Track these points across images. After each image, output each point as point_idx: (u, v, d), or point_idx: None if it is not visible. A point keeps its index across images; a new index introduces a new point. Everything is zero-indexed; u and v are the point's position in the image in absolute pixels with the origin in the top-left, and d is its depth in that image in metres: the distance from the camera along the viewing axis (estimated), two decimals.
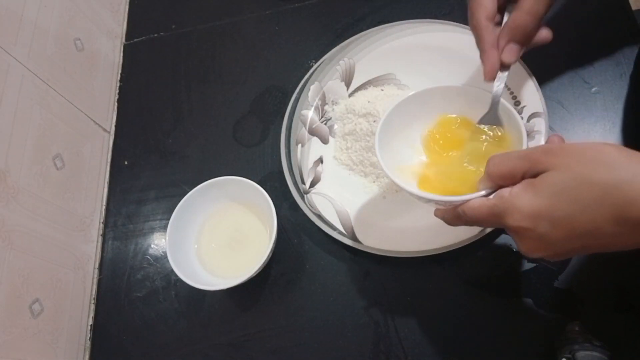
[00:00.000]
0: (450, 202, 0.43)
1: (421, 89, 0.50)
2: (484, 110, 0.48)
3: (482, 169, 0.40)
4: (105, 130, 0.76)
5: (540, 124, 0.55)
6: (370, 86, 0.66)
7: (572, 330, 0.47)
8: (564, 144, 0.36)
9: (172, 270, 0.56)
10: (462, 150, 0.49)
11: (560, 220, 0.34)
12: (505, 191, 0.37)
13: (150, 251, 0.66)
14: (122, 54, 0.82)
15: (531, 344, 0.51)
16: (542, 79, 0.60)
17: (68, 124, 0.68)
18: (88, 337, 0.64)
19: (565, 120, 0.59)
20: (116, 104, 0.78)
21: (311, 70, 0.68)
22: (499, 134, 0.48)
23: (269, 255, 0.56)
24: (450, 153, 0.50)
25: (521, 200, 0.36)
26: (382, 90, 0.65)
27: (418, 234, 0.56)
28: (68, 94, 0.69)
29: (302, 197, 0.61)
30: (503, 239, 0.56)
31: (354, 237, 0.57)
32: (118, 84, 0.80)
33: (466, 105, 0.50)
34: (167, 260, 0.56)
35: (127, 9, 0.86)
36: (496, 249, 0.55)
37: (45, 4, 0.67)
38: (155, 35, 0.82)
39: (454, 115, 0.51)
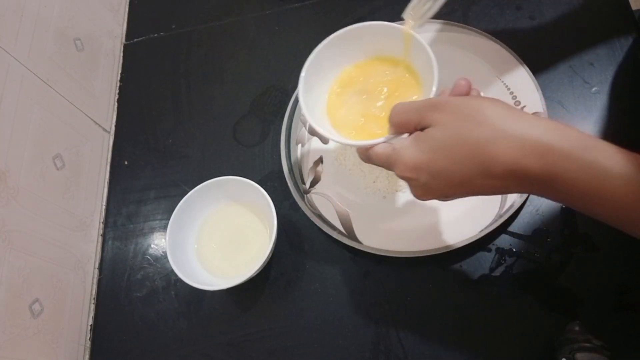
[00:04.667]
0: (357, 145, 0.46)
1: (339, 31, 0.52)
2: (400, 44, 0.50)
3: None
4: (105, 130, 0.76)
5: None
6: None
7: (572, 330, 0.47)
8: (451, 98, 0.39)
9: (172, 270, 0.56)
10: (380, 93, 0.51)
11: (438, 172, 0.38)
12: (398, 143, 0.41)
13: (150, 251, 0.66)
14: (122, 54, 0.82)
15: (531, 344, 0.51)
16: (542, 79, 0.60)
17: (68, 124, 0.68)
18: (88, 337, 0.64)
19: (565, 120, 0.59)
20: (116, 104, 0.78)
21: None
22: (412, 81, 0.50)
23: (269, 255, 0.56)
24: (370, 95, 0.51)
25: (406, 153, 0.39)
26: None
27: (418, 234, 0.56)
28: (68, 94, 0.69)
29: (302, 197, 0.61)
30: (503, 239, 0.56)
31: (353, 237, 0.57)
32: (118, 84, 0.80)
33: (383, 42, 0.51)
34: (167, 260, 0.56)
35: (127, 9, 0.86)
36: (496, 249, 0.55)
37: (45, 4, 0.67)
38: (155, 35, 0.82)
39: (374, 56, 0.53)
